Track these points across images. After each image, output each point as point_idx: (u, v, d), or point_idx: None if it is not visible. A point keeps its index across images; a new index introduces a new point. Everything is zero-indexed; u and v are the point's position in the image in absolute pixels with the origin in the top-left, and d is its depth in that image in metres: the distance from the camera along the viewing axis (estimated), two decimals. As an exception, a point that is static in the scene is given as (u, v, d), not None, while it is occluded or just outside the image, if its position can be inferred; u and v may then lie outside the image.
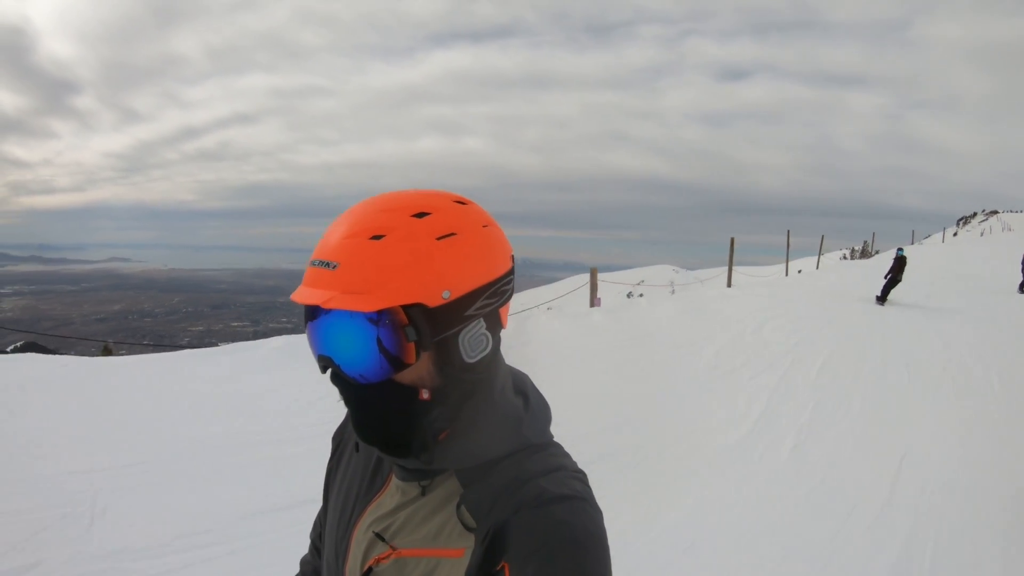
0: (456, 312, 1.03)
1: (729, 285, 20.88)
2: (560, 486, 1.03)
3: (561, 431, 1.24)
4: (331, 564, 1.26)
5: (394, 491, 1.18)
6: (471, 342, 1.06)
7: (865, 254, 42.25)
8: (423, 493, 1.13)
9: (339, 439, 1.40)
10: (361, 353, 1.01)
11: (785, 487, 5.85)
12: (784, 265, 29.06)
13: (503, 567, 0.98)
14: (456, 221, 1.06)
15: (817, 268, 30.61)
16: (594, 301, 15.28)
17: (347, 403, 1.08)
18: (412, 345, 1.00)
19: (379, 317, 0.99)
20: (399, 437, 1.06)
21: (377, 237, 1.01)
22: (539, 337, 10.72)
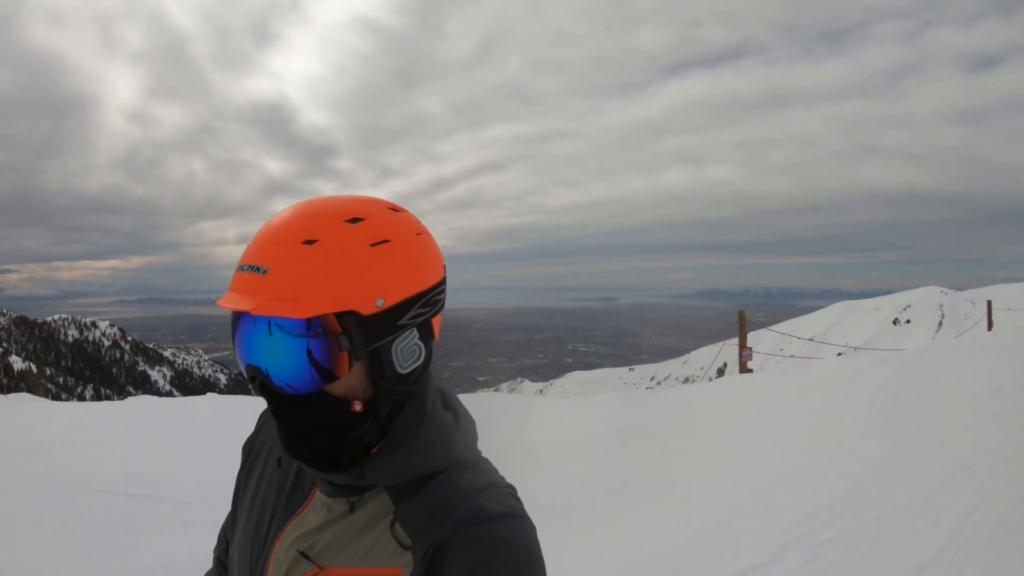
0: (390, 321, 1.01)
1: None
2: (496, 503, 1.03)
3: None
4: None
5: (318, 507, 1.14)
6: (404, 352, 1.05)
7: None
8: (352, 510, 1.11)
9: (250, 449, 1.36)
10: (291, 363, 0.98)
11: None
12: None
13: None
14: (390, 228, 1.05)
15: None
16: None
17: (275, 416, 1.05)
18: (345, 354, 0.98)
19: (311, 325, 0.97)
20: (330, 451, 1.04)
21: (309, 242, 0.98)
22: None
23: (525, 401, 13.58)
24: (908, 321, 73.39)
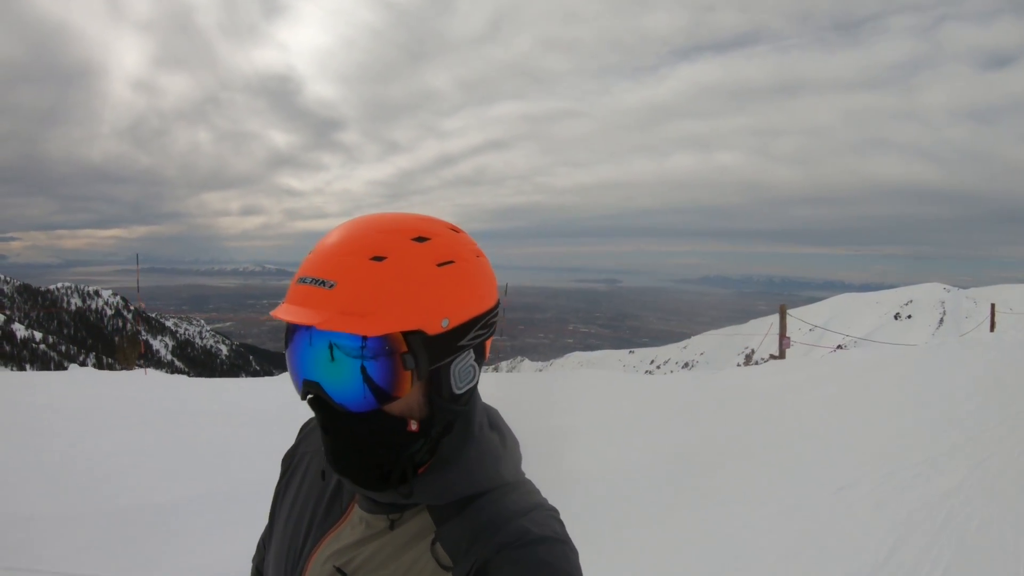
0: (451, 342, 1.01)
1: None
2: (540, 526, 1.03)
3: None
4: None
5: (356, 522, 1.14)
6: (461, 373, 1.05)
7: None
8: (391, 527, 1.10)
9: (289, 461, 1.36)
10: (354, 380, 0.97)
11: None
12: None
13: None
14: (454, 249, 1.05)
15: None
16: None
17: (327, 432, 1.04)
18: (408, 374, 0.97)
19: (377, 343, 0.96)
20: (380, 469, 1.04)
21: (378, 258, 0.98)
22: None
23: (611, 376, 15.44)
24: (909, 316, 74.31)
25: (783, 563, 4.39)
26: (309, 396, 1.01)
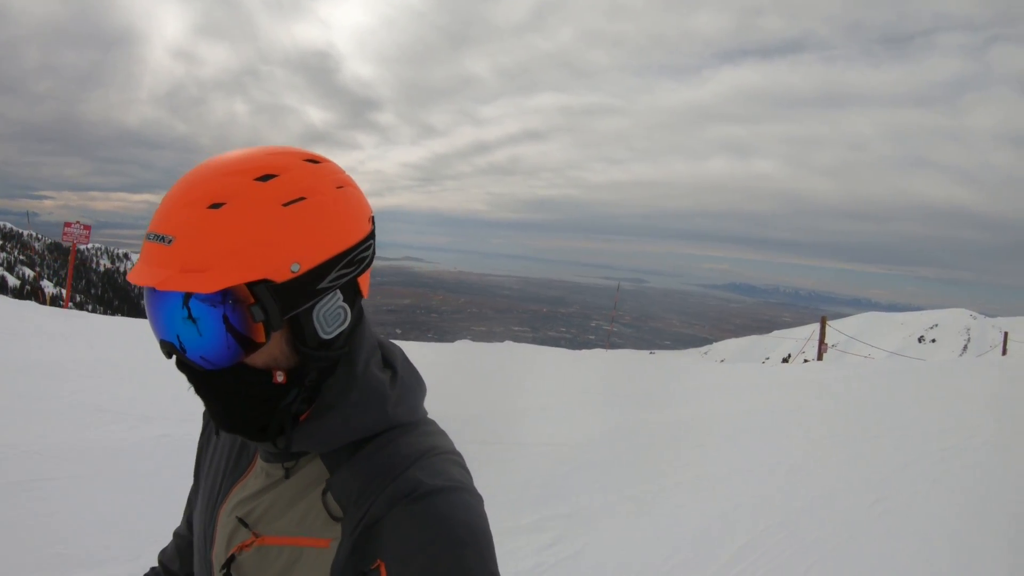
0: (308, 286, 0.95)
1: None
2: (436, 475, 0.97)
3: None
4: (199, 548, 1.21)
5: (259, 472, 1.12)
6: (327, 317, 0.99)
7: None
8: (287, 476, 1.08)
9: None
10: (204, 337, 0.92)
11: None
12: None
13: (379, 565, 0.92)
14: (306, 183, 0.97)
15: None
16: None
17: (196, 391, 0.99)
18: (260, 326, 0.92)
19: (222, 297, 0.90)
20: (255, 423, 0.99)
21: (216, 206, 0.91)
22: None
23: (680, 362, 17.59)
24: (933, 340, 74.29)
25: (862, 462, 6.71)
26: (172, 356, 0.96)
